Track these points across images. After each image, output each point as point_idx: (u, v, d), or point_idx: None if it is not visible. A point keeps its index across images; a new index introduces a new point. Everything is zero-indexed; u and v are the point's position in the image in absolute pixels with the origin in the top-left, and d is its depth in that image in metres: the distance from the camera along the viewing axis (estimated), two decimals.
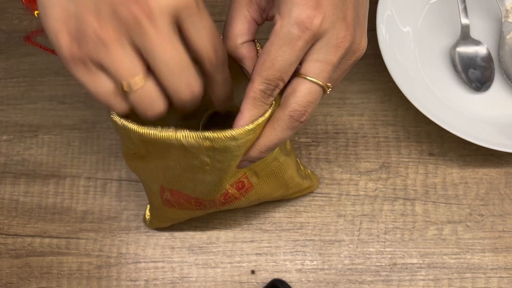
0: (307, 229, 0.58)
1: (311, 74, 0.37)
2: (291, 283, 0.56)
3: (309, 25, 0.35)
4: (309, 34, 0.36)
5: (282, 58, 0.36)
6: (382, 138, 0.61)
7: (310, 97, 0.38)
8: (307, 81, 0.37)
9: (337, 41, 0.37)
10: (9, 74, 0.63)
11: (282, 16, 0.36)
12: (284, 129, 0.39)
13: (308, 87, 0.38)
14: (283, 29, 0.36)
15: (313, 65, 0.37)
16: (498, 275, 0.57)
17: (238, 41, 0.39)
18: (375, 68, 0.63)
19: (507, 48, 0.61)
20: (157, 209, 0.53)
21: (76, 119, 0.62)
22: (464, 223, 0.58)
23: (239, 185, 0.48)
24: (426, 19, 0.63)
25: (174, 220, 0.55)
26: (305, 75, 0.37)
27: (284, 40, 0.36)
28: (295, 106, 0.38)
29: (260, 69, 0.37)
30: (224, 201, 0.48)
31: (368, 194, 0.59)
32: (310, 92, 0.38)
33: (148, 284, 0.57)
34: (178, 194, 0.47)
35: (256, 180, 0.49)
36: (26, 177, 0.60)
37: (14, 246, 0.58)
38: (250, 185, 0.48)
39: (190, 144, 0.37)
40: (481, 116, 0.60)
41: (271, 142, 0.39)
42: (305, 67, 0.37)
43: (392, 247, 0.58)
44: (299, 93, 0.38)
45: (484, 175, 0.60)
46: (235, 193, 0.48)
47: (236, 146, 0.38)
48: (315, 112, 0.61)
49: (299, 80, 0.38)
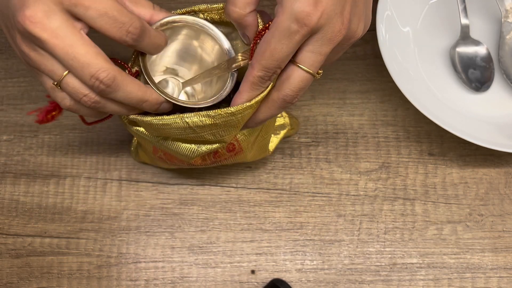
0: (307, 229, 0.58)
1: (305, 64, 0.41)
2: (291, 283, 0.56)
3: (307, 22, 0.38)
4: (307, 29, 0.39)
5: (280, 50, 0.39)
6: (382, 138, 0.61)
7: (302, 84, 0.42)
8: (301, 70, 0.41)
9: (331, 35, 0.40)
10: (9, 74, 0.63)
11: (284, 10, 0.39)
12: (277, 108, 0.44)
13: (301, 75, 0.42)
14: (283, 23, 0.39)
15: (307, 55, 0.41)
16: (498, 275, 0.57)
17: (247, 9, 0.42)
18: (375, 68, 0.63)
19: (506, 48, 0.61)
20: (148, 154, 0.54)
21: (76, 119, 0.62)
22: (464, 223, 0.58)
23: (229, 147, 0.51)
24: (426, 19, 0.63)
25: (164, 166, 0.57)
26: (299, 64, 0.41)
27: (283, 33, 0.39)
28: (288, 91, 0.42)
29: (260, 58, 0.40)
30: (214, 160, 0.52)
31: (368, 194, 0.59)
32: (302, 79, 0.42)
33: (148, 284, 0.57)
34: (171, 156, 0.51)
35: (245, 144, 0.51)
36: (26, 177, 0.60)
37: (15, 246, 0.58)
38: (240, 149, 0.52)
39: (195, 124, 0.42)
40: (481, 116, 0.60)
41: (265, 117, 0.45)
42: (300, 56, 0.41)
43: (392, 247, 0.58)
44: (292, 80, 0.42)
45: (484, 175, 0.60)
46: (225, 153, 0.51)
47: (236, 121, 0.43)
48: (315, 112, 0.62)
49: (293, 68, 0.41)
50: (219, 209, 0.59)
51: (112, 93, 0.39)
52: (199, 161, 0.51)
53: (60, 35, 0.37)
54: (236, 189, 0.60)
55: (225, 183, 0.60)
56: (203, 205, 0.59)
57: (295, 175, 0.60)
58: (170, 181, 0.60)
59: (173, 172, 0.60)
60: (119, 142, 0.61)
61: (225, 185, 0.60)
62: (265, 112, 0.44)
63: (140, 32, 0.39)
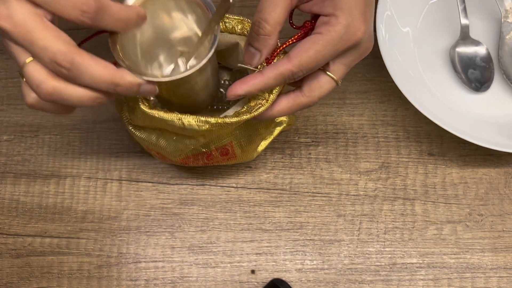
0: (307, 229, 0.58)
1: (336, 75, 0.44)
2: (291, 282, 0.56)
3: (355, 37, 0.41)
4: (352, 43, 0.42)
5: (323, 55, 0.41)
6: (381, 138, 0.61)
7: (329, 92, 0.45)
8: (333, 81, 0.44)
9: (363, 51, 0.44)
10: (9, 74, 0.63)
11: (338, 20, 0.41)
12: (297, 109, 0.46)
13: (331, 85, 0.44)
14: (337, 32, 0.41)
15: (340, 68, 0.44)
16: (498, 274, 0.57)
17: (278, 28, 0.42)
18: (375, 68, 0.63)
19: (506, 48, 0.61)
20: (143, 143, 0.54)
21: (77, 119, 0.62)
22: (464, 223, 0.58)
23: (223, 151, 0.51)
24: (426, 19, 0.63)
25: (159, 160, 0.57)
26: (331, 74, 0.43)
27: (333, 41, 0.41)
28: (316, 99, 0.44)
29: (302, 55, 0.41)
30: (207, 161, 0.52)
31: (368, 194, 0.59)
32: (330, 89, 0.44)
33: (149, 283, 0.57)
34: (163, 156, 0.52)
35: (239, 152, 0.52)
36: (27, 177, 0.60)
37: (15, 246, 0.58)
38: (233, 155, 0.52)
39: (191, 126, 0.43)
40: (481, 116, 0.60)
41: (280, 114, 0.46)
42: (333, 67, 0.43)
43: (392, 246, 0.58)
44: (324, 90, 0.44)
45: (484, 175, 0.60)
46: (218, 156, 0.52)
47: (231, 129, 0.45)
48: (315, 112, 0.62)
49: (326, 77, 0.44)
50: (219, 209, 0.59)
51: (77, 77, 0.37)
52: (191, 160, 0.52)
53: (20, 23, 0.36)
54: (236, 189, 0.60)
55: (225, 183, 0.60)
56: (203, 205, 0.59)
57: (295, 175, 0.60)
58: (170, 181, 0.60)
59: (173, 172, 0.60)
60: (119, 142, 0.61)
61: (225, 185, 0.60)
62: (284, 111, 0.45)
63: (96, 9, 0.36)
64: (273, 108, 0.45)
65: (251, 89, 0.42)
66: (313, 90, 0.44)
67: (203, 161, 0.52)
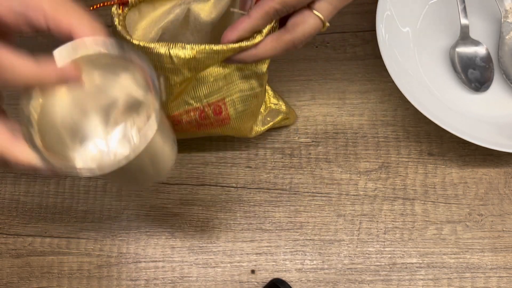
0: (307, 228, 0.58)
1: (321, 12, 0.43)
2: (291, 282, 0.56)
3: None
4: None
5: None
6: (381, 138, 0.61)
7: (313, 31, 0.44)
8: (317, 17, 0.43)
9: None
10: None
11: None
12: (282, 49, 0.44)
13: (316, 23, 0.43)
14: None
15: (326, 6, 0.43)
16: (498, 274, 0.57)
17: None
18: (375, 68, 0.63)
19: (506, 48, 0.61)
20: None
21: None
22: (464, 223, 0.58)
23: (216, 109, 0.51)
24: (426, 19, 0.63)
25: None
26: (316, 11, 0.43)
27: None
28: (299, 35, 0.43)
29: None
30: (200, 121, 0.51)
31: (367, 194, 0.59)
32: (315, 27, 0.43)
33: (149, 283, 0.57)
34: None
35: (234, 114, 0.51)
36: (27, 177, 0.60)
37: (15, 245, 0.58)
38: (227, 116, 0.52)
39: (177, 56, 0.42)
40: (481, 116, 0.60)
41: (266, 56, 0.45)
42: (319, 5, 0.43)
43: (392, 246, 0.58)
44: (307, 25, 0.43)
45: (484, 175, 0.60)
46: (211, 115, 0.51)
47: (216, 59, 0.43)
48: (315, 112, 0.62)
49: (310, 14, 0.43)
50: (219, 209, 0.59)
51: None
52: (184, 118, 0.51)
53: None
54: (236, 189, 0.60)
55: (225, 183, 0.60)
56: (203, 205, 0.59)
57: (295, 175, 0.60)
58: (170, 181, 0.60)
59: (173, 172, 0.60)
60: None
61: (225, 185, 0.60)
62: (269, 50, 0.44)
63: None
64: (258, 46, 0.44)
65: (241, 33, 0.43)
66: (296, 25, 0.43)
67: (196, 122, 0.51)
